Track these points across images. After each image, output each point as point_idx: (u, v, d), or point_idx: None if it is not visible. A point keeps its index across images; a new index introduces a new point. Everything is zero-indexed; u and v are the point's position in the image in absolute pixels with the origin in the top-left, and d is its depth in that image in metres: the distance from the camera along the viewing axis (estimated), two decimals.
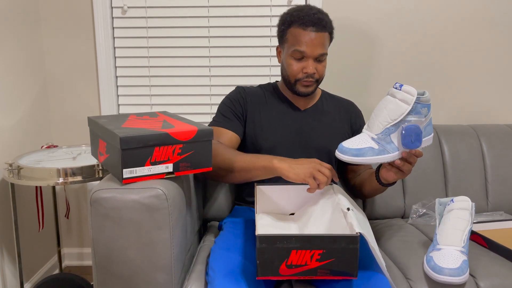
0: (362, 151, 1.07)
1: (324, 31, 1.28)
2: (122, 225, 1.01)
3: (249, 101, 1.40)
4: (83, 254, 2.11)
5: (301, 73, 1.30)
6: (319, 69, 1.31)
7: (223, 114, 1.39)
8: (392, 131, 1.06)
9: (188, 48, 1.93)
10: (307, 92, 1.34)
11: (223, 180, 1.29)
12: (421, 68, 1.93)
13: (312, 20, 1.26)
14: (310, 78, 1.30)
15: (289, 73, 1.32)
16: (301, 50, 1.27)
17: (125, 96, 1.98)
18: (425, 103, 1.05)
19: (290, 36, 1.30)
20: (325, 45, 1.29)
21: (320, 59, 1.30)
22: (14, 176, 1.46)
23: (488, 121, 1.98)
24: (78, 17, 1.91)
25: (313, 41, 1.26)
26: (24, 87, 1.78)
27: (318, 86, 1.37)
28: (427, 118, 1.08)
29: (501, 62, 1.94)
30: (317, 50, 1.27)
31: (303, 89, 1.33)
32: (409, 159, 1.08)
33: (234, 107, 1.39)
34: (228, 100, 1.41)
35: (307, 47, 1.27)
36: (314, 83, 1.32)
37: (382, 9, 1.88)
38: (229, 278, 0.99)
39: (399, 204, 1.62)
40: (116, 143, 1.02)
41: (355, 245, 0.91)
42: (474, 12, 1.89)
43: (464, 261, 1.10)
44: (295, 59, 1.30)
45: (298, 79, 1.32)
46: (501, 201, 1.63)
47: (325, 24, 1.28)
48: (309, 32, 1.26)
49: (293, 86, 1.34)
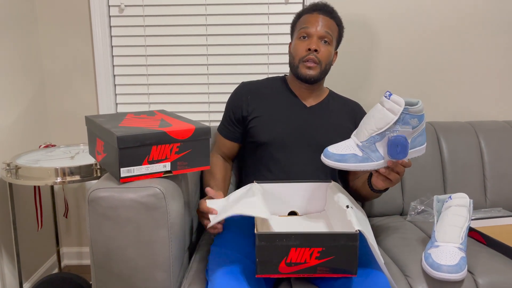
0: (345, 157, 1.07)
1: (330, 17, 1.35)
2: (120, 224, 1.01)
3: (250, 98, 1.40)
4: (82, 253, 2.11)
5: (305, 51, 1.32)
6: (323, 50, 1.32)
7: (225, 118, 1.46)
8: (377, 139, 1.06)
9: (186, 47, 1.92)
10: (310, 75, 1.32)
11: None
12: (420, 66, 1.93)
13: (319, 6, 1.36)
14: (312, 55, 1.31)
15: (294, 54, 1.36)
16: (306, 27, 1.33)
17: (122, 95, 1.98)
18: (415, 114, 1.03)
19: (299, 23, 1.38)
20: (330, 28, 1.34)
21: (325, 39, 1.33)
22: (12, 176, 1.45)
23: (486, 118, 1.98)
24: (75, 15, 1.90)
25: (317, 21, 1.33)
26: (21, 86, 1.78)
27: (321, 73, 1.35)
28: (418, 129, 1.06)
29: (499, 59, 1.94)
30: (322, 29, 1.32)
31: (306, 70, 1.32)
32: (395, 169, 1.08)
33: (231, 113, 1.43)
34: (228, 104, 1.45)
35: (312, 25, 1.33)
36: (317, 66, 1.32)
37: (383, 8, 1.88)
38: (229, 276, 0.99)
39: (397, 201, 1.62)
40: (114, 142, 1.02)
41: (354, 243, 0.91)
42: (473, 11, 1.89)
43: (462, 258, 1.10)
44: (300, 40, 1.35)
45: (301, 58, 1.33)
46: (500, 198, 1.64)
47: (332, 11, 1.36)
48: (316, 15, 1.34)
49: (297, 70, 1.35)
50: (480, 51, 1.93)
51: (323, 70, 1.34)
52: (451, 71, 1.94)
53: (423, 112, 1.05)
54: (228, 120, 1.44)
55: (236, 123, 1.42)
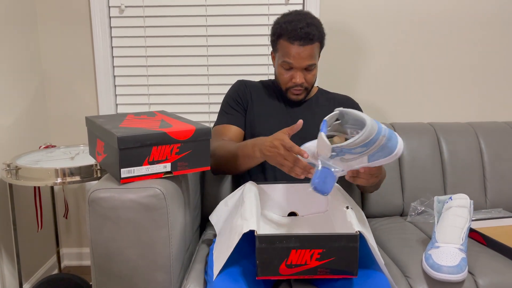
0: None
1: (313, 43, 1.31)
2: (120, 224, 1.01)
3: (250, 92, 1.45)
4: (82, 254, 2.10)
5: (290, 82, 1.35)
6: (308, 78, 1.35)
7: (226, 111, 1.44)
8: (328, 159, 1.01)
9: (186, 47, 1.92)
10: (298, 100, 1.40)
11: (229, 171, 1.33)
12: (419, 66, 1.93)
13: (299, 34, 1.28)
14: (299, 87, 1.35)
15: (280, 81, 1.38)
16: (289, 62, 1.32)
17: (123, 96, 1.98)
18: (352, 148, 0.96)
19: (279, 47, 1.35)
20: (313, 56, 1.32)
21: (308, 69, 1.34)
22: (12, 177, 1.45)
23: (486, 118, 1.98)
24: (75, 16, 1.90)
25: (300, 55, 1.30)
26: (21, 87, 1.78)
27: (309, 92, 1.41)
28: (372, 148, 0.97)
29: (498, 60, 1.94)
30: (304, 62, 1.31)
31: (294, 97, 1.39)
32: (358, 175, 1.04)
33: (235, 100, 1.44)
34: (229, 96, 1.46)
35: (294, 60, 1.31)
36: (303, 91, 1.37)
37: (378, 11, 1.88)
38: (228, 277, 0.99)
39: (397, 202, 1.62)
40: (114, 143, 1.01)
41: (354, 244, 0.91)
42: (473, 10, 1.89)
43: (463, 259, 1.10)
44: (284, 69, 1.35)
45: (288, 87, 1.37)
46: (500, 198, 1.63)
47: (313, 37, 1.29)
48: (296, 46, 1.30)
49: (284, 94, 1.40)
50: (480, 51, 1.93)
51: (310, 89, 1.40)
52: (451, 72, 1.94)
53: (367, 140, 0.95)
54: (234, 104, 1.43)
55: (241, 106, 1.43)
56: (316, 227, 1.18)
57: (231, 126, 1.40)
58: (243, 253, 1.09)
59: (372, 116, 1.96)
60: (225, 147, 1.29)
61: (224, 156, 1.29)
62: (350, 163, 1.00)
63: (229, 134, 1.39)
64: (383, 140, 0.96)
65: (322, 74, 1.93)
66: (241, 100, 1.44)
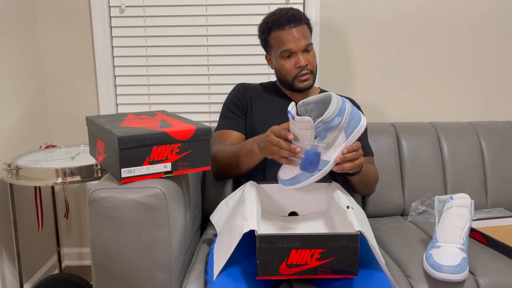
0: (296, 179, 1.08)
1: (302, 24, 1.35)
2: (121, 224, 1.01)
3: (249, 95, 1.45)
4: (83, 254, 2.10)
5: (295, 69, 1.35)
6: (310, 60, 1.36)
7: (226, 116, 1.45)
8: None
9: (186, 47, 1.92)
10: (307, 86, 1.38)
11: (232, 174, 1.33)
12: (419, 66, 1.93)
13: (287, 18, 1.33)
14: (305, 70, 1.35)
15: (285, 73, 1.38)
16: (288, 48, 1.33)
17: (123, 96, 1.98)
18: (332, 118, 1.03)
19: (273, 41, 1.36)
20: (307, 36, 1.36)
21: (307, 49, 1.35)
22: (12, 177, 1.45)
23: (487, 118, 1.98)
24: (76, 16, 1.90)
25: (295, 36, 1.32)
26: (22, 87, 1.78)
27: (315, 78, 1.40)
28: (345, 119, 1.05)
29: (499, 59, 1.94)
30: (301, 42, 1.33)
31: (303, 84, 1.37)
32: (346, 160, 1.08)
33: (235, 104, 1.44)
34: (229, 100, 1.46)
35: (292, 43, 1.33)
36: (310, 75, 1.37)
37: (378, 11, 1.88)
38: (229, 277, 0.99)
39: (398, 202, 1.62)
40: (114, 143, 1.01)
41: (355, 244, 0.91)
42: (473, 10, 1.89)
43: (464, 259, 1.10)
44: (285, 59, 1.35)
45: (294, 76, 1.36)
46: (501, 198, 1.63)
47: (300, 17, 1.35)
48: (289, 30, 1.33)
49: (292, 85, 1.39)
50: (480, 51, 1.93)
51: (316, 73, 1.40)
52: (451, 72, 1.94)
53: (338, 108, 1.04)
54: (234, 109, 1.44)
55: (241, 110, 1.44)
56: (316, 227, 1.18)
57: (231, 131, 1.42)
58: (244, 253, 1.09)
59: (372, 116, 1.96)
60: (225, 150, 1.31)
61: (225, 158, 1.30)
62: (333, 147, 1.07)
63: (230, 139, 1.40)
64: (349, 107, 1.08)
65: (322, 74, 1.93)
66: (241, 104, 1.44)
